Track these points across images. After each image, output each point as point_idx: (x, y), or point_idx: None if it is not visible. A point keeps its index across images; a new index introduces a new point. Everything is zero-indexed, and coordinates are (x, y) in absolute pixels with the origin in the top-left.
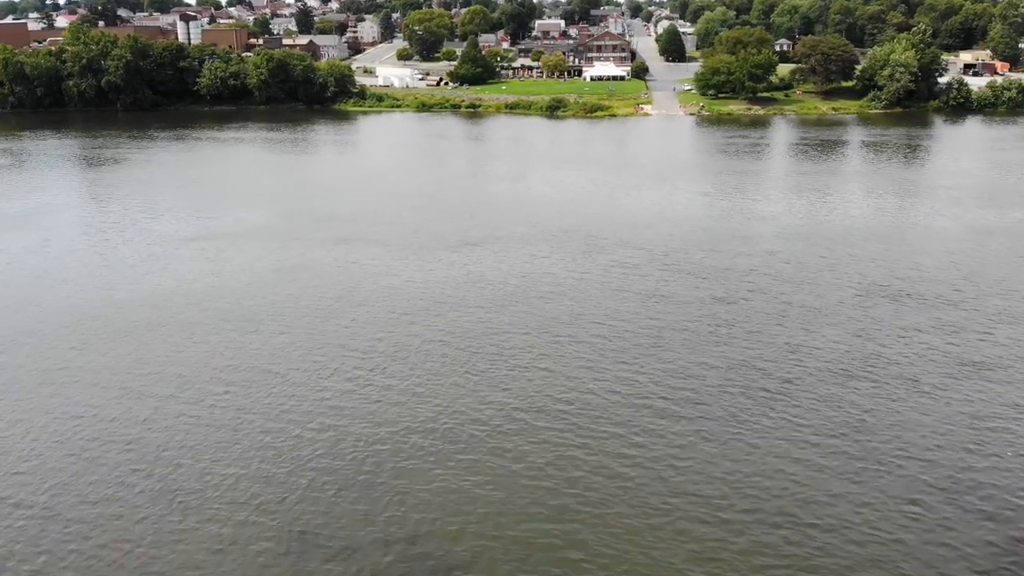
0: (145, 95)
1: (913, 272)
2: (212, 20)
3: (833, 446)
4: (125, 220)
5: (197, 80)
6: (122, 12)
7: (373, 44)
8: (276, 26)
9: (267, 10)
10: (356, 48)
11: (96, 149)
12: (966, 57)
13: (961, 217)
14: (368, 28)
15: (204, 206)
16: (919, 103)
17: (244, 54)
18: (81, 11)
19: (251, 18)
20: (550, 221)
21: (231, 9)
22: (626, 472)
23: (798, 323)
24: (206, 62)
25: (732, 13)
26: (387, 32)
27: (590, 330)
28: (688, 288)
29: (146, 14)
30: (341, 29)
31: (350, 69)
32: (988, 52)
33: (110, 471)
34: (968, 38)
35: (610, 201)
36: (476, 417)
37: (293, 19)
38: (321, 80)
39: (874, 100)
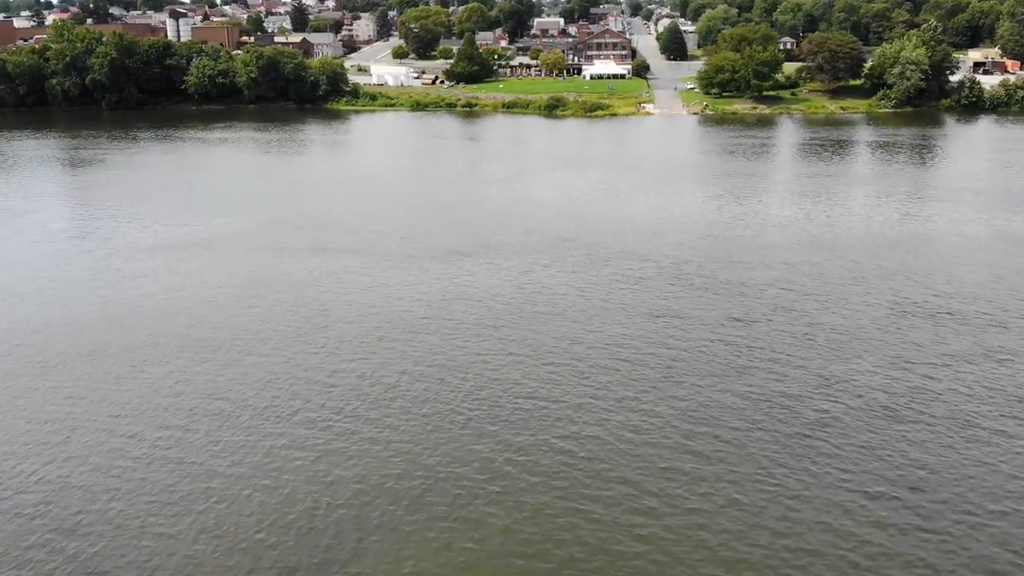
0: (131, 94)
1: (950, 287)
2: (206, 18)
3: (888, 505)
4: (88, 227)
5: (184, 78)
6: (115, 10)
7: (369, 42)
8: (271, 24)
9: (262, 8)
10: (351, 46)
11: (74, 150)
12: (975, 55)
13: (991, 223)
14: (364, 26)
15: (177, 211)
16: (930, 102)
17: (235, 52)
18: (73, 9)
19: (245, 16)
20: (548, 227)
21: (226, 7)
22: (644, 534)
23: (828, 348)
24: (194, 60)
25: (734, 11)
26: (383, 30)
27: (593, 356)
28: (701, 306)
29: (140, 12)
30: (336, 27)
31: (342, 67)
32: (997, 50)
33: (18, 535)
34: (974, 36)
35: (612, 205)
36: (458, 469)
37: (288, 17)
38: (312, 78)
39: (883, 99)
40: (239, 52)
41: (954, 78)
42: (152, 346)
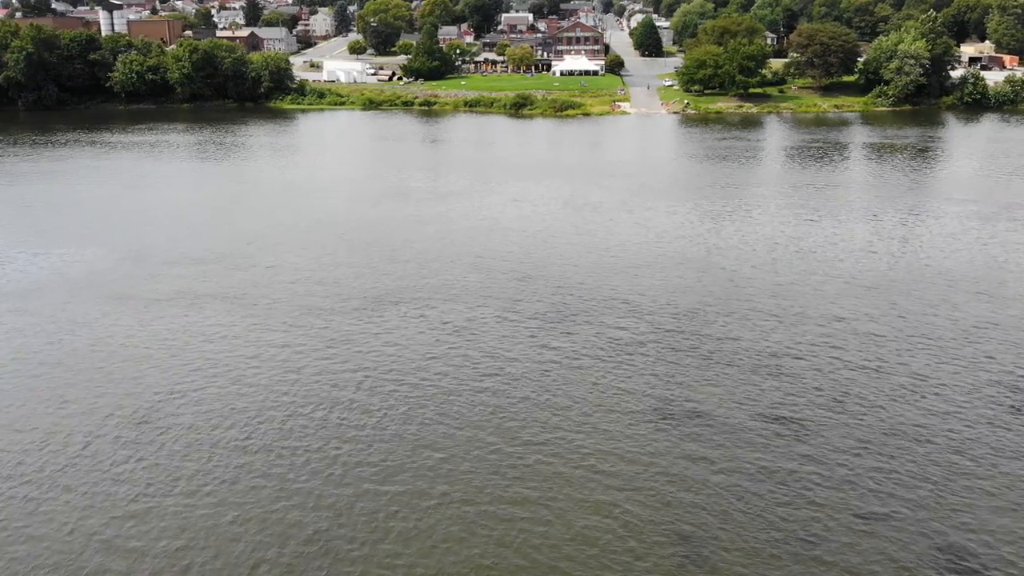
0: (50, 92)
1: None
2: (155, 12)
3: None
4: None
5: (109, 75)
6: (59, 6)
7: (326, 38)
8: (223, 19)
9: (215, 3)
10: (307, 42)
11: None
12: (966, 50)
13: None
14: (321, 21)
15: (24, 240)
16: (929, 100)
17: (169, 47)
18: (15, 3)
19: (194, 10)
20: (504, 260)
21: (177, 2)
22: None
23: (934, 481)
24: (120, 55)
25: (711, 5)
26: (342, 25)
27: (564, 506)
28: (722, 397)
29: (87, 7)
30: (292, 22)
31: (287, 62)
32: (989, 44)
33: None
34: (961, 31)
35: (586, 227)
36: None
37: (241, 12)
38: (254, 74)
39: (880, 96)
40: (173, 46)
41: (954, 74)
42: None
